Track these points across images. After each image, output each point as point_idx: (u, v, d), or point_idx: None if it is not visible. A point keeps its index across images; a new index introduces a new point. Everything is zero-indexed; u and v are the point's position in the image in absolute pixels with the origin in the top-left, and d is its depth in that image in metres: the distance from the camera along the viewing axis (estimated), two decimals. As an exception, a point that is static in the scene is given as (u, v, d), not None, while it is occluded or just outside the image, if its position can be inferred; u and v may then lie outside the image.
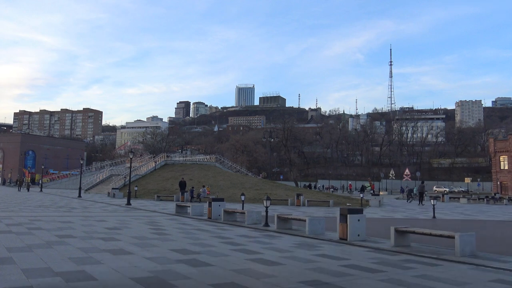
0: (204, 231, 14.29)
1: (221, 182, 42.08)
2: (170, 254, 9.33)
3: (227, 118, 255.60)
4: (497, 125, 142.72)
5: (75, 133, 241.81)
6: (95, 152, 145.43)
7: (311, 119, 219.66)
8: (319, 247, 11.03)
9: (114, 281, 6.73)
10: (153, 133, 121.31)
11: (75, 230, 13.31)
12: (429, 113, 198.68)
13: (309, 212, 23.79)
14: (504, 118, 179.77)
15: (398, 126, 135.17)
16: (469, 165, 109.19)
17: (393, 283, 7.07)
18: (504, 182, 68.56)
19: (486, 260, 9.21)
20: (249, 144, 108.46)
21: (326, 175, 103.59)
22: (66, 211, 21.64)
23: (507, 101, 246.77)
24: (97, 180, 52.94)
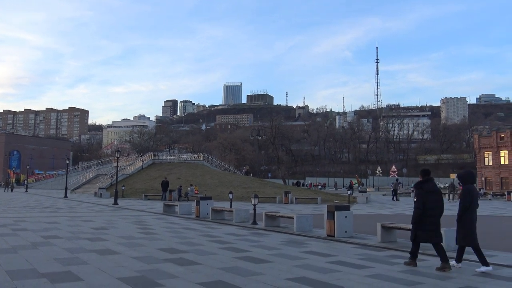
0: (192, 230, 14.26)
1: (209, 181, 42.00)
2: (157, 254, 9.29)
3: (215, 117, 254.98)
4: (482, 122, 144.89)
5: (61, 133, 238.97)
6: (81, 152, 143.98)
7: (299, 117, 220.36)
8: (306, 244, 11.08)
9: (101, 281, 6.68)
10: (140, 132, 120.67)
11: (61, 231, 13.17)
12: (415, 110, 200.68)
13: (297, 210, 23.88)
14: (488, 115, 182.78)
15: (384, 124, 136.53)
16: (455, 161, 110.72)
17: (380, 278, 7.14)
18: (489, 177, 69.67)
19: (471, 255, 9.32)
20: (237, 142, 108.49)
21: (314, 172, 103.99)
22: (52, 212, 21.40)
23: (491, 98, 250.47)
24: (84, 180, 52.44)
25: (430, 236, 8.09)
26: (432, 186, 8.26)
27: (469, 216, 8.12)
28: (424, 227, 8.10)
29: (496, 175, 68.08)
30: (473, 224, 8.08)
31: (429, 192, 8.13)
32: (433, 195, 8.17)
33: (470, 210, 8.15)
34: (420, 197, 8.15)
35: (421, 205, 8.04)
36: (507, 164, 66.78)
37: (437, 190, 8.34)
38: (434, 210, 8.08)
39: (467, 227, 8.07)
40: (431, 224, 8.05)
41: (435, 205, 8.11)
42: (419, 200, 8.13)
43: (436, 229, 8.11)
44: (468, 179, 8.51)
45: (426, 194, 8.11)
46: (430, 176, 8.41)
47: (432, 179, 8.45)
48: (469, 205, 8.11)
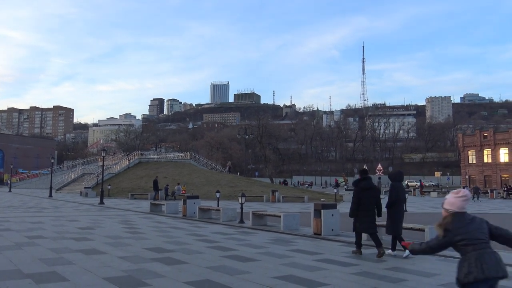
0: (179, 229, 14.22)
1: (196, 180, 41.89)
2: (144, 253, 9.25)
3: (202, 115, 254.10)
4: (466, 121, 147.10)
5: (45, 132, 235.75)
6: (66, 151, 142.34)
7: (286, 116, 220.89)
8: (293, 243, 11.14)
9: (87, 281, 6.63)
10: (127, 130, 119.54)
11: (46, 231, 13.02)
12: (401, 109, 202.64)
13: (284, 208, 23.97)
14: (472, 114, 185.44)
15: (370, 122, 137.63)
16: (439, 159, 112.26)
17: (365, 276, 7.22)
18: (473, 175, 70.76)
19: (455, 252, 9.49)
20: (224, 141, 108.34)
21: (301, 171, 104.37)
22: (37, 211, 21.14)
23: (474, 97, 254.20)
24: (69, 179, 51.89)
25: (366, 228, 9.24)
26: (367, 184, 9.33)
27: (395, 209, 9.19)
28: (361, 220, 9.16)
29: (480, 173, 69.19)
30: (399, 216, 9.20)
31: (364, 189, 9.21)
32: (367, 191, 9.22)
33: (396, 204, 9.21)
34: (356, 194, 9.32)
35: (357, 201, 9.17)
36: (490, 162, 67.93)
37: (371, 187, 9.40)
38: (368, 205, 9.13)
39: (393, 219, 9.15)
40: (367, 217, 9.12)
41: (370, 201, 9.15)
42: (354, 196, 9.33)
43: (372, 221, 9.18)
44: (396, 178, 9.59)
45: (361, 191, 9.21)
46: (367, 175, 9.56)
47: (369, 177, 9.56)
48: (395, 200, 9.18)
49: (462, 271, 3.54)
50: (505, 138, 66.76)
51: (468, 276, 3.47)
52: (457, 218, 3.63)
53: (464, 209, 3.70)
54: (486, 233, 3.60)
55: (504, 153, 66.68)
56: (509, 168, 64.96)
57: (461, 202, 3.69)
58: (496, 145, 67.45)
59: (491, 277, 3.44)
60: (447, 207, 3.75)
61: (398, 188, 9.40)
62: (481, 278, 3.42)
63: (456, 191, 3.83)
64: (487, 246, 3.55)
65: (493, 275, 3.45)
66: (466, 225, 3.58)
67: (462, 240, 3.55)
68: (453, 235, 3.58)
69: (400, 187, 9.51)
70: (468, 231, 3.56)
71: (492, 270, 3.45)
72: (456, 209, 3.68)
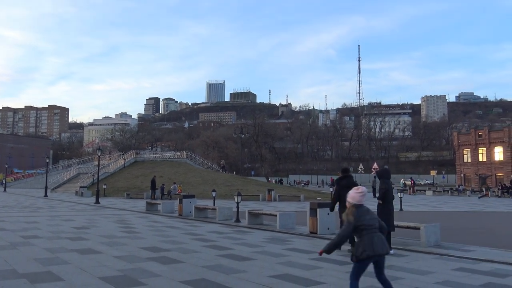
0: (174, 228, 14.20)
1: (192, 179, 41.83)
2: (139, 252, 9.23)
3: (198, 114, 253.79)
4: (461, 120, 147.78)
5: (41, 131, 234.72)
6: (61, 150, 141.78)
7: (282, 115, 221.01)
8: (289, 241, 11.15)
9: (82, 281, 6.61)
10: (122, 130, 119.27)
11: (41, 231, 12.97)
12: (396, 108, 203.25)
13: (280, 207, 23.98)
14: (467, 113, 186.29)
15: (366, 121, 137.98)
16: (435, 158, 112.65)
17: (361, 274, 7.23)
18: (468, 174, 71.08)
19: (450, 250, 9.56)
20: (220, 140, 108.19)
21: (297, 170, 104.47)
22: (32, 211, 21.05)
23: (469, 96, 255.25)
24: (64, 178, 51.70)
25: None
26: (348, 182, 9.66)
27: (386, 206, 9.39)
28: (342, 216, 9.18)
29: (475, 171, 69.48)
30: (390, 212, 9.40)
31: (344, 187, 9.43)
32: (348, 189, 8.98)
33: (386, 200, 9.43)
34: (336, 191, 9.76)
35: (337, 197, 9.64)
36: (485, 161, 68.24)
37: (351, 185, 9.38)
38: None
39: (383, 214, 9.09)
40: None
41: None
42: (335, 193, 9.76)
43: None
44: (383, 175, 9.84)
45: (342, 188, 9.54)
46: (348, 174, 9.97)
47: (350, 176, 9.99)
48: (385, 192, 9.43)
49: (359, 250, 4.71)
50: (500, 136, 67.10)
51: (363, 253, 4.66)
52: (357, 209, 4.80)
53: (361, 202, 4.86)
54: (376, 221, 4.85)
55: (499, 152, 67.03)
56: (503, 166, 65.30)
57: (360, 197, 4.87)
58: (491, 144, 67.77)
59: (378, 253, 4.70)
60: (350, 201, 4.89)
61: (388, 185, 9.59)
62: (372, 254, 4.65)
63: (356, 188, 5.03)
64: (376, 231, 4.77)
65: (380, 252, 4.71)
66: (364, 215, 4.77)
67: (361, 226, 4.70)
68: (355, 221, 4.70)
69: (389, 184, 9.67)
70: (365, 219, 4.75)
71: (379, 248, 4.69)
72: (356, 202, 4.84)
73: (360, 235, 4.72)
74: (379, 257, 4.76)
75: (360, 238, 4.72)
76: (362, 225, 4.69)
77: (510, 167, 64.15)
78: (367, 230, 4.70)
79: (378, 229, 4.82)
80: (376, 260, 4.77)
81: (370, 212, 4.87)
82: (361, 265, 4.77)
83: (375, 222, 4.81)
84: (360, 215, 4.74)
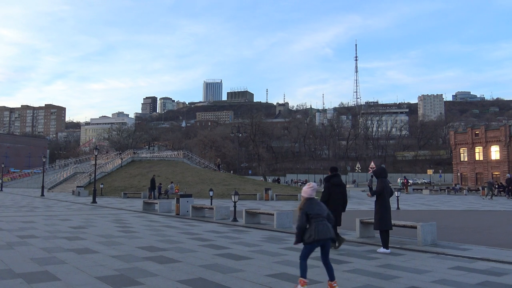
0: (172, 227, 14.18)
1: (189, 178, 41.79)
2: (137, 252, 9.22)
3: (195, 114, 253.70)
4: (457, 119, 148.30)
5: (37, 130, 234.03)
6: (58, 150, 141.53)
7: (279, 114, 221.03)
8: (287, 241, 11.15)
9: (79, 280, 6.60)
10: (119, 129, 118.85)
11: (38, 230, 12.93)
12: (393, 107, 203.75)
13: (277, 206, 23.99)
14: (464, 112, 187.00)
15: (363, 120, 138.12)
16: (431, 157, 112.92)
17: (358, 273, 7.25)
18: (464, 173, 71.29)
19: (446, 249, 9.59)
20: (217, 140, 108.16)
21: (294, 169, 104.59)
22: (28, 211, 20.99)
23: (466, 95, 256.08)
24: (61, 178, 51.57)
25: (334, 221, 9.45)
26: (337, 180, 9.97)
27: (382, 205, 9.46)
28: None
29: (471, 170, 69.71)
30: (387, 211, 9.44)
31: (334, 185, 9.87)
32: (337, 187, 9.90)
33: (382, 199, 9.48)
34: (326, 189, 9.90)
35: (326, 195, 9.76)
36: (482, 160, 68.46)
37: (340, 183, 10.03)
38: (336, 200, 9.77)
39: (380, 213, 9.44)
40: (335, 211, 9.33)
41: (338, 196, 9.82)
42: (325, 191, 9.90)
43: (337, 214, 9.62)
44: (381, 174, 9.84)
45: (332, 186, 9.86)
46: (337, 172, 10.15)
47: (338, 175, 10.13)
48: (380, 194, 9.48)
49: (306, 235, 5.73)
50: (496, 135, 67.31)
51: (309, 238, 5.69)
52: (309, 201, 5.91)
53: (312, 195, 5.97)
54: (325, 212, 5.88)
55: (495, 151, 67.24)
56: (500, 165, 65.52)
57: (311, 192, 5.97)
58: (488, 143, 67.98)
59: (322, 238, 5.70)
60: (303, 195, 6.00)
61: (384, 183, 9.60)
62: (317, 239, 5.67)
63: (308, 184, 6.10)
64: (323, 219, 5.79)
65: (323, 237, 5.70)
66: (314, 206, 5.85)
67: (310, 214, 5.74)
68: (306, 211, 5.77)
69: (386, 183, 9.67)
70: (315, 209, 5.81)
71: (324, 234, 5.68)
72: (308, 196, 5.94)
73: (310, 223, 5.72)
74: (323, 241, 5.76)
75: (309, 226, 5.73)
76: (311, 215, 5.74)
77: (507, 166, 64.37)
78: (315, 219, 5.73)
79: (326, 218, 5.84)
80: (322, 244, 5.80)
81: (319, 204, 5.98)
82: (308, 247, 5.82)
83: (323, 213, 5.86)
84: (311, 207, 5.82)
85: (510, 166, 64.49)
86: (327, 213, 5.90)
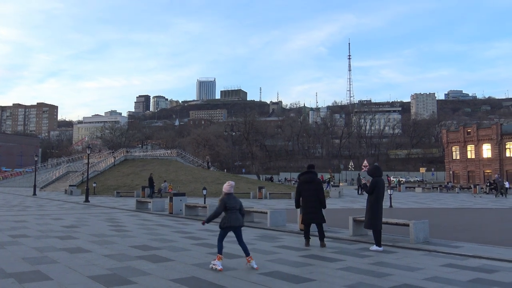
0: (165, 226, 14.15)
1: (182, 177, 41.70)
2: (129, 251, 9.19)
3: (188, 112, 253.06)
4: (450, 117, 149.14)
5: (29, 129, 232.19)
6: (50, 149, 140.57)
7: (273, 113, 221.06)
8: (280, 239, 11.17)
9: (71, 280, 6.56)
10: (112, 128, 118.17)
11: (30, 230, 12.85)
12: (386, 105, 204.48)
13: (270, 205, 24.01)
14: (456, 110, 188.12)
15: (357, 119, 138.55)
16: (424, 155, 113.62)
17: (350, 271, 7.28)
18: (456, 171, 71.78)
19: (438, 246, 9.65)
20: (211, 138, 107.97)
21: (287, 167, 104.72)
22: (20, 210, 20.84)
23: (458, 93, 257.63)
24: (53, 177, 51.21)
25: (310, 218, 9.81)
26: (306, 178, 9.96)
27: (375, 204, 9.45)
28: (305, 211, 9.85)
29: (463, 168, 70.20)
30: (378, 210, 9.45)
31: (303, 183, 9.95)
32: (307, 184, 9.90)
33: (375, 198, 9.46)
34: (297, 187, 10.17)
35: (297, 193, 10.03)
36: (474, 158, 68.95)
37: (311, 180, 9.92)
38: (309, 197, 9.80)
39: (371, 212, 9.45)
40: (310, 208, 9.76)
41: (309, 193, 9.79)
42: (296, 189, 10.19)
43: (313, 212, 9.73)
44: (375, 173, 9.77)
45: (301, 184, 10.00)
46: (310, 170, 10.12)
47: (310, 172, 10.07)
48: (372, 193, 9.48)
49: (222, 221, 7.42)
50: (488, 134, 67.82)
51: (224, 224, 7.38)
52: (227, 196, 7.48)
53: (230, 191, 7.53)
54: (238, 205, 7.50)
55: (487, 149, 67.76)
56: (491, 163, 66.03)
57: (229, 188, 7.53)
58: (479, 141, 68.48)
59: (233, 225, 7.37)
60: (224, 190, 7.54)
61: (377, 183, 9.51)
62: (229, 225, 7.36)
63: (228, 182, 7.64)
64: (236, 211, 7.43)
65: (234, 224, 7.37)
66: (230, 200, 7.43)
67: (227, 206, 7.36)
68: (224, 203, 7.37)
69: (380, 182, 9.58)
70: (231, 202, 7.41)
71: (234, 222, 7.35)
72: (227, 191, 7.50)
73: (226, 213, 7.38)
74: (234, 228, 7.41)
75: (225, 215, 7.39)
76: (228, 206, 7.36)
77: (498, 164, 64.89)
78: (230, 210, 7.36)
79: (238, 210, 7.47)
80: (234, 230, 7.43)
81: (235, 198, 7.55)
82: (223, 232, 7.49)
83: (236, 205, 7.46)
84: (228, 201, 7.40)
85: (501, 164, 65.05)
86: (239, 206, 7.51)
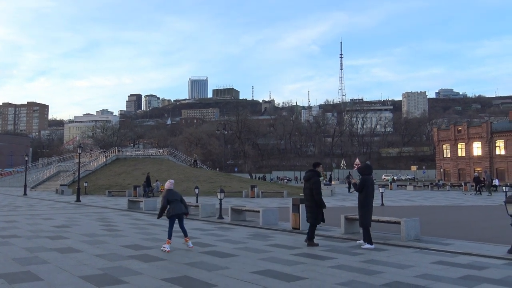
0: (157, 225, 14.10)
1: (174, 176, 41.48)
2: (121, 250, 9.15)
3: (180, 111, 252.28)
4: (440, 115, 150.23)
5: (19, 128, 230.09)
6: (41, 148, 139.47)
7: (265, 111, 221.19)
8: (272, 237, 11.19)
9: (62, 280, 6.52)
10: (103, 127, 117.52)
11: (20, 230, 12.74)
12: (378, 104, 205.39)
13: (263, 204, 24.03)
14: (447, 109, 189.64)
15: (348, 117, 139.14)
16: (415, 154, 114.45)
17: (342, 269, 7.31)
18: (447, 169, 72.38)
19: (429, 243, 9.73)
20: (203, 137, 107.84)
21: (280, 166, 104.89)
22: (11, 210, 20.65)
23: (449, 92, 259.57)
24: (44, 177, 50.79)
25: (306, 218, 10.02)
26: (305, 176, 10.12)
27: (364, 202, 9.50)
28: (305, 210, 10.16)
29: (454, 166, 70.81)
30: (368, 208, 9.49)
31: (304, 181, 10.12)
32: (305, 183, 10.11)
33: (364, 196, 9.49)
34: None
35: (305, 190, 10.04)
36: (464, 156, 69.57)
37: (307, 179, 10.02)
38: (305, 196, 10.06)
39: (362, 210, 9.50)
40: (306, 207, 10.05)
41: (306, 192, 10.00)
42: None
43: (308, 210, 9.87)
44: (365, 171, 9.82)
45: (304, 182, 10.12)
46: (314, 168, 10.10)
47: (310, 170, 10.10)
48: (361, 191, 9.51)
49: (168, 211, 9.18)
50: (478, 132, 68.47)
51: (170, 213, 9.17)
52: (168, 191, 9.37)
53: (171, 187, 9.45)
54: (179, 197, 9.31)
55: (477, 147, 68.42)
56: (482, 161, 66.66)
57: (170, 185, 9.46)
58: (470, 139, 69.12)
59: (177, 213, 9.20)
60: (165, 187, 9.50)
61: (367, 181, 9.54)
62: (173, 214, 9.18)
63: (169, 180, 9.67)
64: (178, 202, 9.24)
65: (178, 212, 9.21)
66: (172, 194, 9.30)
67: (169, 200, 9.20)
68: (167, 197, 9.23)
69: (370, 181, 9.60)
70: (172, 196, 9.27)
71: (177, 210, 9.17)
72: (168, 188, 9.42)
73: (170, 205, 9.16)
74: (178, 215, 9.21)
75: (169, 206, 9.17)
76: (170, 200, 9.20)
77: (488, 162, 65.53)
78: (173, 202, 9.17)
79: (180, 201, 9.26)
80: (178, 217, 9.24)
81: (175, 192, 9.42)
82: (171, 220, 9.21)
83: (177, 198, 9.28)
84: (170, 195, 9.25)
85: (491, 162, 65.69)
86: (180, 198, 9.32)
